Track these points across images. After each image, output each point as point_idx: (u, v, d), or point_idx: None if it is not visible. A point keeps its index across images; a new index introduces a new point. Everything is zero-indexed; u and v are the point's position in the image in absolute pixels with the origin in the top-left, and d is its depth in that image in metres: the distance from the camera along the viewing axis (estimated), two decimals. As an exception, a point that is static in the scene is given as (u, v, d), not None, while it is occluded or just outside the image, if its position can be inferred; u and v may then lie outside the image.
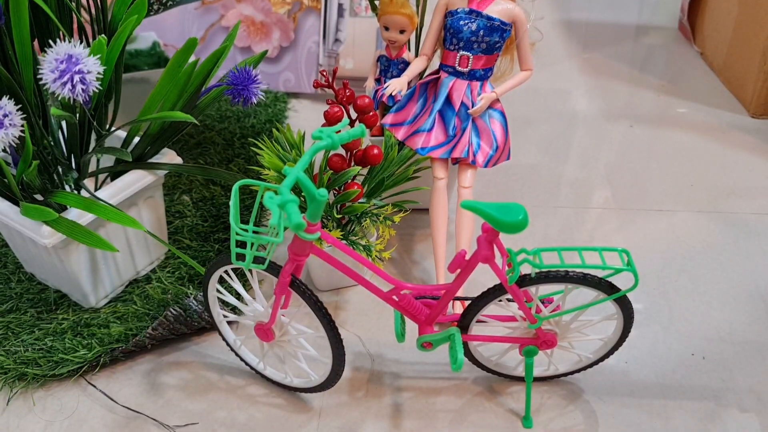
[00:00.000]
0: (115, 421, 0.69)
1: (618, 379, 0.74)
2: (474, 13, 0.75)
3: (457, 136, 0.79)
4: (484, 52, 0.76)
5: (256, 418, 0.69)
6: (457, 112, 0.78)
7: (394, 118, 0.82)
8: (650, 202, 1.01)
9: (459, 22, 0.75)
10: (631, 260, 0.58)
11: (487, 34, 0.75)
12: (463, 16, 0.75)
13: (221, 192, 0.98)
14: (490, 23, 0.74)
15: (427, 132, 0.79)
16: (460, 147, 0.78)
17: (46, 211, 0.64)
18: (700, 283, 0.86)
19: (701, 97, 1.30)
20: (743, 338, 0.79)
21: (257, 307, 0.67)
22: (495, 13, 0.75)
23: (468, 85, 0.78)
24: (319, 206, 0.55)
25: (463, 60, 0.76)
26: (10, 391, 0.72)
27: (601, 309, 0.70)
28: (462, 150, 0.78)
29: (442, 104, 0.79)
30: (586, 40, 1.53)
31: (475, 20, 0.75)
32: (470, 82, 0.78)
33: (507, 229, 0.54)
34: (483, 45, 0.75)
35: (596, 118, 1.23)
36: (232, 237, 0.55)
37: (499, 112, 0.81)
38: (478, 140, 0.79)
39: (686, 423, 0.69)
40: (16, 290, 0.82)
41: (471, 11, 0.75)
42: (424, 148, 0.79)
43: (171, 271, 0.85)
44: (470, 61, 0.76)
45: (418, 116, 0.81)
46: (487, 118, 0.80)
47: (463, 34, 0.75)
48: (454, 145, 0.79)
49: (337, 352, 0.64)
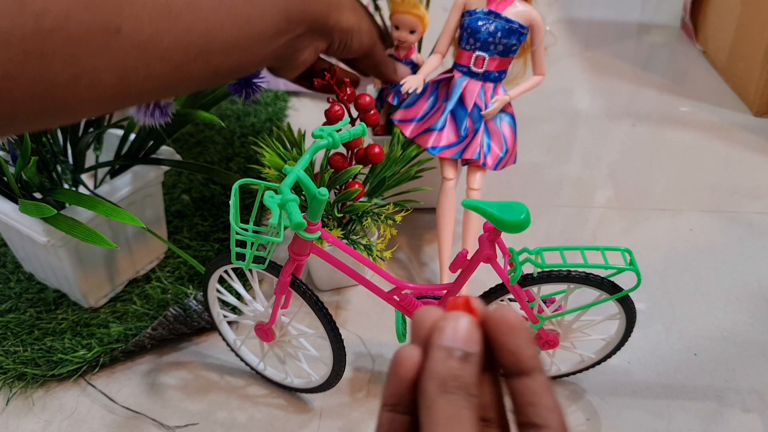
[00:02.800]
0: (114, 421, 0.68)
1: (620, 379, 0.73)
2: (493, 15, 0.74)
3: (468, 137, 0.78)
4: (500, 54, 0.75)
5: (257, 418, 0.69)
6: (470, 113, 0.77)
7: (404, 114, 0.81)
8: (653, 201, 1.01)
9: (477, 23, 0.74)
10: (634, 260, 0.58)
11: (504, 36, 0.74)
12: (482, 17, 0.74)
13: (221, 191, 0.98)
14: (508, 26, 0.74)
15: (439, 131, 0.78)
16: (472, 148, 0.77)
17: (45, 208, 0.63)
18: (703, 283, 0.86)
19: (704, 96, 1.29)
20: (746, 338, 0.78)
21: (257, 307, 0.66)
22: (513, 15, 0.74)
23: (482, 87, 0.77)
24: (320, 205, 0.54)
25: (479, 60, 0.75)
26: (10, 391, 0.71)
27: (604, 309, 0.70)
28: (474, 151, 0.77)
29: (454, 104, 0.78)
30: (588, 39, 1.52)
31: (494, 22, 0.74)
32: (484, 83, 0.77)
33: (509, 228, 0.53)
34: (500, 47, 0.75)
35: (598, 117, 1.22)
36: (232, 236, 0.55)
37: (510, 116, 0.80)
38: (489, 142, 0.79)
39: (689, 423, 0.69)
40: (15, 290, 0.82)
41: (490, 12, 0.74)
42: (435, 147, 0.78)
43: (171, 270, 0.84)
44: (486, 62, 0.75)
45: (429, 114, 0.80)
46: (498, 121, 0.79)
47: (481, 34, 0.74)
48: (466, 146, 0.78)
49: (337, 352, 0.63)
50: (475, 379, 0.24)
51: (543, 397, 0.25)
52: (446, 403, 0.23)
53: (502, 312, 0.26)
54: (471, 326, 0.25)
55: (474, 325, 0.25)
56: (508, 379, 0.26)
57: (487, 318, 0.26)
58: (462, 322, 0.25)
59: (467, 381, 0.24)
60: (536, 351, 0.26)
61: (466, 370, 0.24)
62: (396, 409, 0.26)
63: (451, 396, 0.23)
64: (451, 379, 0.24)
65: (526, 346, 0.26)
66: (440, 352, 0.24)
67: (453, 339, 0.24)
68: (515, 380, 0.26)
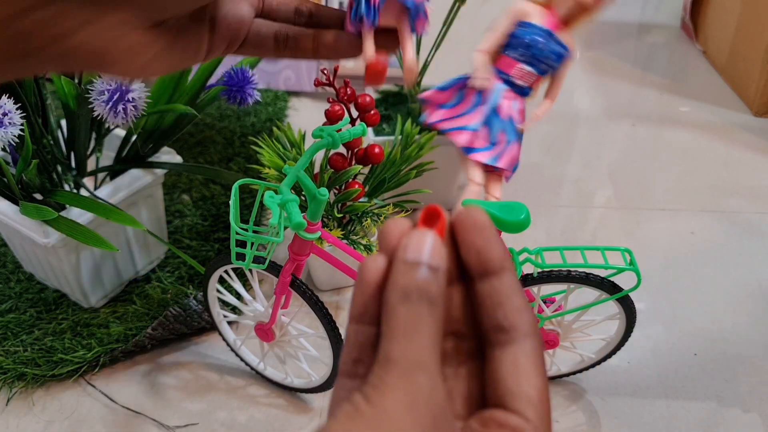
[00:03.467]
0: (114, 422, 0.68)
1: (620, 379, 0.73)
2: (549, 34, 0.74)
3: (499, 144, 0.77)
4: (540, 72, 0.75)
5: (257, 418, 0.69)
6: (504, 122, 0.76)
7: (436, 96, 0.79)
8: (653, 202, 1.01)
9: (534, 36, 0.74)
10: (634, 260, 0.58)
11: (554, 58, 0.74)
12: (540, 33, 0.74)
13: (221, 191, 0.98)
14: (560, 49, 0.74)
15: (474, 132, 0.77)
16: (507, 158, 0.76)
17: (45, 210, 0.63)
18: (703, 283, 0.86)
19: (704, 96, 1.29)
20: (746, 338, 0.78)
21: (257, 307, 0.66)
22: (564, 40, 0.75)
23: (515, 99, 0.77)
24: (320, 205, 0.54)
25: (526, 75, 0.75)
26: (10, 392, 0.71)
27: (604, 309, 0.70)
28: (509, 162, 0.76)
29: (492, 109, 0.77)
30: (588, 39, 1.52)
31: (549, 42, 0.74)
32: (519, 97, 0.77)
33: (509, 228, 0.53)
34: (545, 66, 0.75)
35: (598, 117, 1.22)
36: (232, 236, 0.55)
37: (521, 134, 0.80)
38: None
39: (689, 423, 0.69)
40: (15, 290, 0.82)
41: (548, 31, 0.74)
42: (470, 148, 0.76)
43: (171, 270, 0.84)
44: (528, 77, 0.75)
45: (464, 112, 0.78)
46: None
47: (535, 50, 0.74)
48: (499, 154, 0.77)
49: (337, 352, 0.63)
50: (440, 290, 0.23)
51: (511, 298, 0.24)
52: (406, 311, 0.22)
53: (467, 211, 0.24)
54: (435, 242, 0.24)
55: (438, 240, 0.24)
56: (476, 283, 0.24)
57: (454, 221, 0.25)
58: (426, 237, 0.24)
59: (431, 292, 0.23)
60: (505, 250, 0.24)
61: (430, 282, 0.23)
62: (362, 319, 0.25)
63: (412, 305, 0.22)
64: (414, 289, 0.23)
65: (492, 244, 0.24)
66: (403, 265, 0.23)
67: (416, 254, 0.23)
68: (482, 282, 0.24)
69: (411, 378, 0.22)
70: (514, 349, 0.24)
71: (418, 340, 0.22)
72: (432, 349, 0.22)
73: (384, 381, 0.22)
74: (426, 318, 0.22)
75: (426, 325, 0.22)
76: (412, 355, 0.22)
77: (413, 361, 0.22)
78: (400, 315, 0.22)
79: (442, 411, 0.22)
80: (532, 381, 0.23)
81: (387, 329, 0.23)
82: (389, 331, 0.23)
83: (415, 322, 0.22)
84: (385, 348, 0.22)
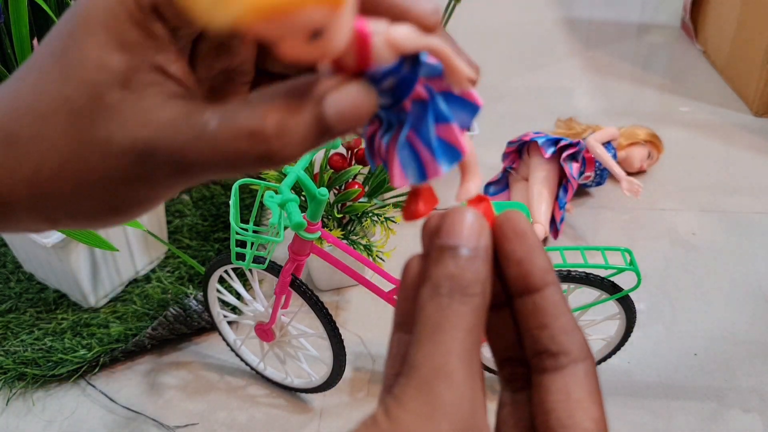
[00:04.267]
0: (114, 421, 0.68)
1: (621, 379, 0.73)
2: None
3: None
4: None
5: (257, 418, 0.69)
6: None
7: None
8: (653, 201, 1.01)
9: None
10: (634, 260, 0.58)
11: None
12: None
13: (221, 191, 0.98)
14: None
15: None
16: None
17: (45, 210, 0.63)
18: (703, 283, 0.86)
19: (704, 96, 1.29)
20: (746, 338, 0.78)
21: (257, 307, 0.66)
22: None
23: None
24: (320, 205, 0.54)
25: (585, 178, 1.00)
26: (10, 392, 0.71)
27: (604, 309, 0.70)
28: None
29: None
30: (589, 39, 1.52)
31: None
32: None
33: (509, 228, 0.53)
34: None
35: (599, 117, 1.22)
36: (232, 236, 0.55)
37: None
38: None
39: (689, 423, 0.69)
40: (15, 290, 0.82)
41: None
42: None
43: (171, 270, 0.84)
44: None
45: None
46: None
47: None
48: None
49: (337, 352, 0.63)
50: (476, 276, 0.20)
51: (558, 317, 0.20)
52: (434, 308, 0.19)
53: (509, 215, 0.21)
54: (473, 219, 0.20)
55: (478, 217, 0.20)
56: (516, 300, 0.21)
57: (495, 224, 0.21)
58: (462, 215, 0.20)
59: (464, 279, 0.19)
60: (548, 261, 0.21)
61: (464, 268, 0.20)
62: (403, 327, 0.22)
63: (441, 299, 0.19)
64: (444, 279, 0.20)
65: (534, 253, 0.20)
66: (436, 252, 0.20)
67: (449, 236, 0.20)
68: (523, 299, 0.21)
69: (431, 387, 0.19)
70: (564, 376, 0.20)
71: (444, 343, 0.19)
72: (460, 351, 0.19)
73: (404, 391, 0.19)
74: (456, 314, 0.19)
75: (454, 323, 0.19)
76: (436, 360, 0.19)
77: (435, 368, 0.19)
78: (428, 313, 0.20)
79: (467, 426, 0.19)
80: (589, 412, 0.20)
81: (414, 331, 0.20)
82: (416, 334, 0.20)
83: (441, 322, 0.19)
84: (410, 353, 0.20)
